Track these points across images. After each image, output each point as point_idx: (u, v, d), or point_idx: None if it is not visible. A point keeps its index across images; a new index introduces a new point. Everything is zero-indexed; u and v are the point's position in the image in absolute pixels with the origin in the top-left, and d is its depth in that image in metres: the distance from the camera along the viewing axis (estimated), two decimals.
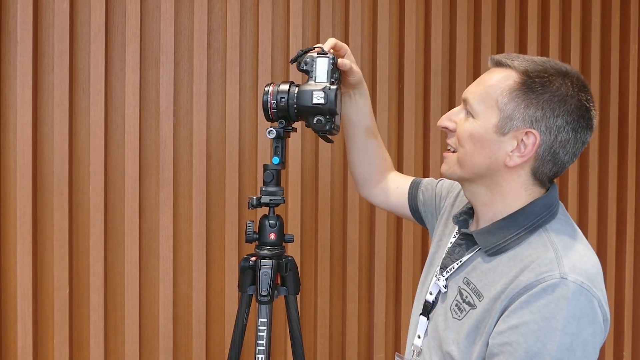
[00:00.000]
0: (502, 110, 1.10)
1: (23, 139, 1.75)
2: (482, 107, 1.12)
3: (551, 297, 1.01)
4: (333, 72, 1.33)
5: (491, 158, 1.12)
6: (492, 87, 1.11)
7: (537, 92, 1.09)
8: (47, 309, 1.81)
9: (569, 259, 1.05)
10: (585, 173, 2.42)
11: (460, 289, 1.17)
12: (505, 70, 1.12)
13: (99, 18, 1.81)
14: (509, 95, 1.10)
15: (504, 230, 1.13)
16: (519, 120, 1.09)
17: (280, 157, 1.40)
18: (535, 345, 1.00)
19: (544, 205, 1.14)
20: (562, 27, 2.37)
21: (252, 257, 1.44)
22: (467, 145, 1.13)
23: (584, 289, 1.02)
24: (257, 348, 1.38)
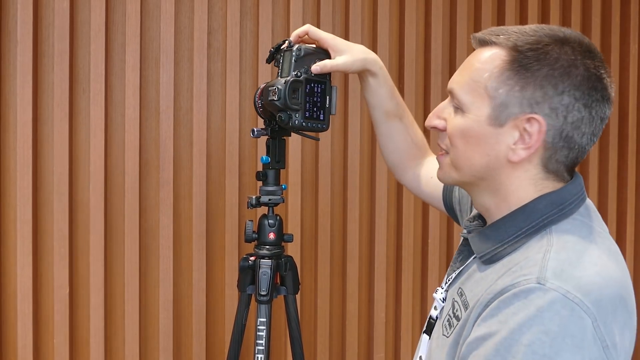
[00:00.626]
0: (494, 97, 0.90)
1: (23, 139, 1.75)
2: (471, 97, 0.93)
3: (521, 305, 0.81)
4: (300, 65, 1.28)
5: (490, 155, 0.92)
6: (478, 72, 0.92)
7: (531, 69, 0.89)
8: (47, 309, 1.81)
9: (560, 261, 0.84)
10: (585, 173, 2.42)
11: (453, 302, 1.00)
12: (491, 48, 0.93)
13: (99, 17, 1.81)
14: (498, 77, 0.90)
15: (500, 233, 0.93)
16: (515, 105, 0.89)
17: (273, 156, 1.39)
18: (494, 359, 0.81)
19: (552, 202, 0.92)
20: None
21: (251, 257, 1.44)
22: (460, 144, 0.95)
23: (568, 300, 0.79)
24: (257, 348, 1.38)
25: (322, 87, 1.30)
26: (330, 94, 1.32)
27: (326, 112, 1.32)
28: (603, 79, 0.90)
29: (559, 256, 0.85)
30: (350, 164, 2.08)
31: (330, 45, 1.27)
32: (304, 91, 1.29)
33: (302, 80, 1.28)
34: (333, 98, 1.33)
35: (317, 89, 1.30)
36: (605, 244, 0.90)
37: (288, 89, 1.27)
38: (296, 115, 1.29)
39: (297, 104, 1.28)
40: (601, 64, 0.91)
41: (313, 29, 1.28)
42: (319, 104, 1.31)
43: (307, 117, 1.30)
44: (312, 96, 1.30)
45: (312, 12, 2.05)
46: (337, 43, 1.27)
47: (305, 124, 1.30)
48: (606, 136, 2.44)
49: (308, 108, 1.30)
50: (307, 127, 1.31)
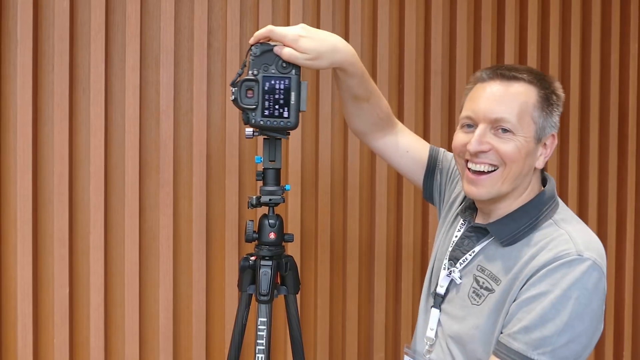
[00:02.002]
0: (537, 122, 1.22)
1: (23, 139, 1.75)
2: (521, 123, 1.21)
3: (568, 271, 1.12)
4: (259, 63, 1.28)
5: (531, 165, 1.24)
6: (525, 104, 1.21)
7: (551, 100, 1.25)
8: (47, 309, 1.81)
9: (582, 238, 1.17)
10: (585, 173, 2.42)
11: (475, 277, 1.26)
12: (520, 84, 1.23)
13: (99, 18, 1.81)
14: (538, 108, 1.23)
15: (517, 222, 1.24)
16: (548, 127, 1.24)
17: (266, 155, 1.39)
18: (550, 312, 1.11)
19: (549, 196, 1.27)
20: (562, 27, 2.37)
21: (251, 257, 1.44)
22: (517, 160, 1.21)
23: (597, 265, 1.13)
24: (257, 347, 1.38)
25: (285, 83, 1.29)
26: (298, 89, 1.30)
27: (291, 109, 1.30)
28: None
29: (578, 235, 1.18)
30: (350, 164, 2.08)
31: (294, 48, 1.26)
32: (262, 89, 1.28)
33: (258, 79, 1.27)
34: (302, 94, 1.30)
35: (280, 85, 1.29)
36: (583, 223, 1.25)
37: (241, 89, 1.27)
38: (253, 114, 1.29)
39: (253, 103, 1.28)
40: None
41: (277, 31, 1.27)
42: (281, 101, 1.29)
43: (267, 115, 1.29)
44: (272, 93, 1.29)
45: (312, 12, 2.05)
46: (300, 46, 1.26)
47: (264, 122, 1.30)
48: (606, 136, 2.44)
49: (267, 106, 1.29)
50: (267, 126, 1.30)
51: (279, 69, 1.29)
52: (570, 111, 2.36)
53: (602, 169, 2.44)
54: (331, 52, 1.29)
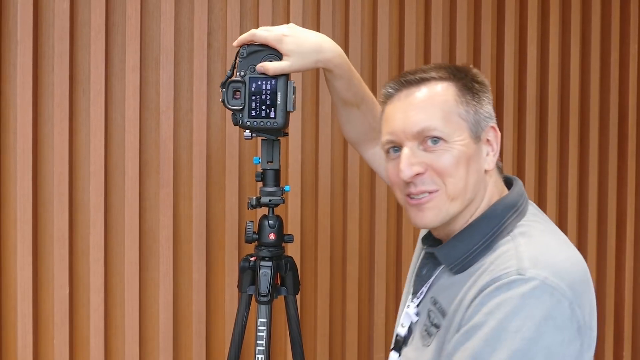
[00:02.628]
0: (467, 119, 1.02)
1: (23, 139, 1.75)
2: (450, 126, 1.01)
3: (505, 296, 0.86)
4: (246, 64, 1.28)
5: (479, 171, 1.04)
6: (446, 103, 1.02)
7: (474, 89, 1.05)
8: (47, 309, 1.81)
9: (532, 252, 0.92)
10: (585, 173, 2.41)
11: (429, 312, 1.05)
12: (432, 84, 1.04)
13: (99, 18, 1.81)
14: (463, 103, 1.03)
15: (467, 243, 1.00)
16: (482, 120, 1.04)
17: (264, 157, 1.39)
18: (483, 351, 0.85)
19: (507, 205, 1.02)
20: (562, 27, 2.37)
21: (251, 257, 1.44)
22: (458, 171, 1.00)
23: (547, 285, 0.86)
24: (257, 348, 1.38)
25: (271, 84, 1.29)
26: (285, 90, 1.30)
27: (278, 109, 1.30)
28: None
29: (529, 248, 0.93)
30: (350, 164, 2.08)
31: (277, 48, 1.25)
32: (248, 90, 1.29)
33: (244, 80, 1.28)
34: (289, 94, 1.30)
35: (266, 86, 1.29)
36: (560, 235, 1.02)
37: (228, 91, 1.28)
38: (240, 115, 1.30)
39: (240, 104, 1.29)
40: None
41: (258, 35, 1.26)
42: (268, 102, 1.29)
43: (253, 115, 1.30)
44: (258, 94, 1.29)
45: (312, 12, 2.05)
46: (282, 47, 1.25)
47: (251, 122, 1.30)
48: (606, 136, 2.44)
49: (254, 107, 1.29)
50: (254, 126, 1.31)
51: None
52: (571, 111, 2.36)
53: (602, 169, 2.44)
54: (315, 51, 1.25)
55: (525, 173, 2.29)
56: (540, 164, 2.34)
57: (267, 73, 1.26)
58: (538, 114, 2.31)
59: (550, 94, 2.31)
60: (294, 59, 1.25)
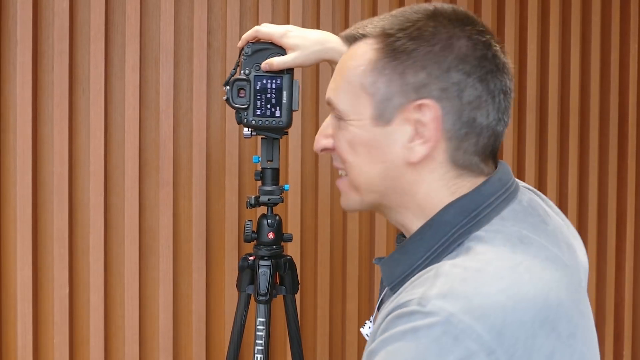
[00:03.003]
0: (373, 93, 0.77)
1: (23, 139, 1.75)
2: (349, 102, 0.80)
3: (401, 329, 0.66)
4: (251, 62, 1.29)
5: (385, 162, 0.79)
6: (351, 71, 0.80)
7: (407, 50, 0.76)
8: (47, 309, 1.81)
9: (451, 277, 0.68)
10: (585, 173, 2.41)
11: None
12: (360, 43, 0.81)
13: (99, 18, 1.81)
14: (373, 70, 0.78)
15: (409, 257, 0.78)
16: (399, 95, 0.76)
17: (264, 156, 1.39)
18: None
19: (462, 209, 0.76)
20: (562, 27, 2.37)
21: (250, 257, 1.44)
22: (351, 158, 0.81)
23: (451, 325, 0.63)
24: (256, 347, 1.38)
25: (277, 82, 1.29)
26: (290, 89, 1.29)
27: (283, 108, 1.30)
28: (491, 46, 0.79)
29: (452, 270, 0.69)
30: None
31: (280, 43, 1.25)
32: (253, 88, 1.29)
33: (249, 78, 1.28)
34: (294, 93, 1.30)
35: (271, 84, 1.29)
36: (530, 251, 0.72)
37: (233, 89, 1.28)
38: (245, 113, 1.30)
39: (245, 103, 1.28)
40: (485, 28, 0.80)
41: (262, 30, 1.26)
42: (273, 101, 1.29)
43: (258, 114, 1.30)
44: (263, 93, 1.29)
45: (312, 12, 2.05)
46: (287, 41, 1.24)
47: (255, 121, 1.30)
48: (606, 136, 2.44)
49: (259, 105, 1.29)
50: (259, 125, 1.31)
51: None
52: (571, 111, 2.36)
53: (602, 169, 2.44)
54: (319, 42, 1.22)
55: (525, 173, 2.28)
56: (540, 164, 2.33)
57: (271, 68, 1.25)
58: (538, 114, 2.31)
59: (550, 94, 2.31)
60: (299, 52, 1.23)
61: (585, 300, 0.77)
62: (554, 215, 0.85)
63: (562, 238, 0.80)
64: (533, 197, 0.84)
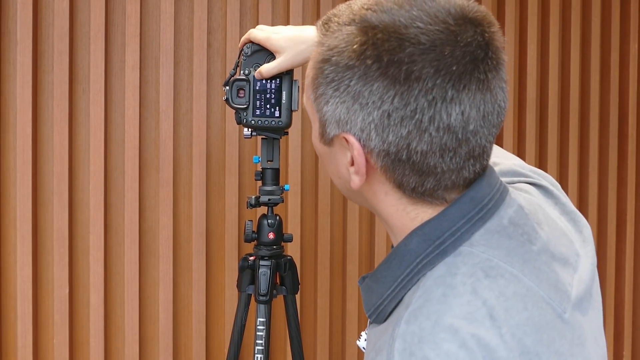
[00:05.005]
0: (318, 110, 0.70)
1: (23, 139, 1.75)
2: (309, 108, 0.74)
3: None
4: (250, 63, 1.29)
5: (340, 178, 0.74)
6: (307, 78, 0.72)
7: (330, 76, 0.66)
8: (47, 309, 1.81)
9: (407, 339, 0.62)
10: (585, 173, 2.41)
11: None
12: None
13: (99, 18, 1.81)
14: (312, 85, 0.70)
15: (380, 285, 0.72)
16: (331, 122, 0.69)
17: (264, 156, 1.39)
18: None
19: (426, 237, 0.68)
20: (562, 27, 2.37)
21: (251, 257, 1.44)
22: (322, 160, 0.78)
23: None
24: (256, 348, 1.38)
25: (276, 82, 1.29)
26: (289, 89, 1.30)
27: (283, 108, 1.31)
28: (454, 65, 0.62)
29: (408, 329, 0.62)
30: None
31: (267, 47, 1.24)
32: (252, 88, 1.29)
33: (249, 78, 1.28)
34: (293, 93, 1.30)
35: (271, 85, 1.29)
36: (495, 288, 0.64)
37: (233, 89, 1.28)
38: (244, 113, 1.30)
39: (244, 103, 1.29)
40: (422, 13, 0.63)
41: (253, 35, 1.25)
42: (272, 101, 1.30)
43: (258, 114, 1.30)
44: (263, 93, 1.29)
45: (312, 12, 2.05)
46: (272, 43, 1.22)
47: (255, 121, 1.31)
48: (606, 136, 2.44)
49: (258, 105, 1.30)
50: (259, 125, 1.31)
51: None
52: (571, 111, 2.36)
53: (602, 169, 2.44)
54: (304, 40, 1.18)
55: None
56: (540, 164, 2.33)
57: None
58: (538, 114, 2.31)
59: (550, 94, 2.31)
60: (283, 55, 1.22)
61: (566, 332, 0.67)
62: (556, 221, 0.75)
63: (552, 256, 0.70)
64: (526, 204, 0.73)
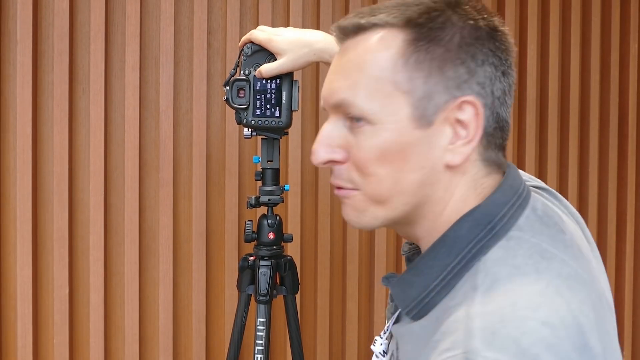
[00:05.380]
0: (410, 90, 0.68)
1: (23, 139, 1.75)
2: (378, 101, 0.69)
3: None
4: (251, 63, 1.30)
5: (425, 167, 0.70)
6: (374, 66, 0.69)
7: (442, 42, 0.68)
8: (47, 309, 1.81)
9: (488, 318, 0.60)
10: (585, 173, 2.41)
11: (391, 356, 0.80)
12: (371, 33, 0.71)
13: (99, 18, 1.81)
14: (405, 64, 0.68)
15: (424, 277, 0.70)
16: (441, 92, 0.68)
17: (264, 156, 1.39)
18: None
19: (477, 221, 0.69)
20: (562, 27, 2.37)
21: (251, 257, 1.44)
22: (377, 167, 0.70)
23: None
24: (256, 348, 1.38)
25: (276, 82, 1.30)
26: (289, 89, 1.30)
27: (283, 108, 1.31)
28: (507, 37, 0.73)
29: (485, 309, 0.61)
30: None
31: (268, 48, 1.25)
32: (253, 89, 1.29)
33: (249, 78, 1.29)
34: (293, 93, 1.31)
35: (271, 85, 1.30)
36: (553, 269, 0.65)
37: (233, 89, 1.29)
38: (245, 113, 1.30)
39: (245, 103, 1.29)
40: (489, 13, 0.74)
41: (254, 36, 1.25)
42: (273, 101, 1.30)
43: (258, 114, 1.30)
44: (263, 93, 1.30)
45: (312, 12, 2.05)
46: (274, 45, 1.23)
47: (255, 121, 1.31)
48: (606, 136, 2.44)
49: (259, 105, 1.30)
50: (259, 125, 1.31)
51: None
52: (571, 111, 2.36)
53: (602, 169, 2.44)
54: (306, 44, 1.19)
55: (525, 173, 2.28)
56: (540, 164, 2.33)
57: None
58: (538, 114, 2.31)
59: (550, 94, 2.31)
60: (285, 57, 1.22)
61: (608, 316, 0.70)
62: (569, 220, 0.78)
63: (578, 247, 0.72)
64: (545, 202, 0.77)
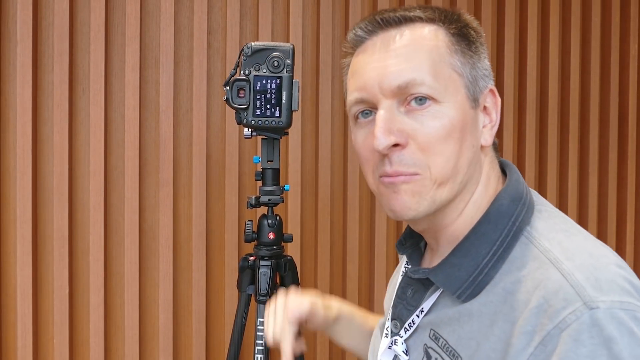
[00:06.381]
0: (464, 73, 0.76)
1: (23, 139, 1.75)
2: (441, 81, 0.74)
3: (592, 349, 0.61)
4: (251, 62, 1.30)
5: (475, 146, 0.77)
6: (436, 50, 0.75)
7: (471, 37, 0.79)
8: (47, 309, 1.81)
9: (583, 270, 0.66)
10: (585, 173, 2.41)
11: (426, 349, 0.78)
12: (417, 25, 0.77)
13: (99, 18, 1.81)
14: (459, 53, 0.77)
15: (472, 257, 0.74)
16: (482, 78, 0.78)
17: (264, 156, 1.39)
18: None
19: (513, 197, 0.76)
20: (562, 27, 2.37)
21: (251, 257, 1.44)
22: (448, 146, 0.74)
23: (627, 310, 0.63)
24: (256, 348, 1.38)
25: (276, 82, 1.30)
26: (289, 89, 1.30)
27: (283, 108, 1.31)
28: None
29: (575, 263, 0.67)
30: (350, 163, 2.08)
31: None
32: (253, 89, 1.30)
33: (249, 78, 1.29)
34: (293, 93, 1.31)
35: (271, 85, 1.30)
36: (582, 229, 0.76)
37: (233, 89, 1.29)
38: (245, 113, 1.30)
39: (245, 103, 1.29)
40: None
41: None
42: (273, 101, 1.30)
43: (258, 114, 1.31)
44: (263, 93, 1.30)
45: (312, 12, 2.05)
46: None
47: (255, 121, 1.31)
48: (606, 136, 2.44)
49: (259, 105, 1.30)
50: (259, 125, 1.32)
51: (270, 69, 1.30)
52: (571, 111, 2.36)
53: (602, 169, 2.44)
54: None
55: (526, 173, 2.29)
56: (540, 164, 2.33)
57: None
58: (538, 114, 2.31)
59: (550, 94, 2.31)
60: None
61: None
62: None
63: None
64: None
